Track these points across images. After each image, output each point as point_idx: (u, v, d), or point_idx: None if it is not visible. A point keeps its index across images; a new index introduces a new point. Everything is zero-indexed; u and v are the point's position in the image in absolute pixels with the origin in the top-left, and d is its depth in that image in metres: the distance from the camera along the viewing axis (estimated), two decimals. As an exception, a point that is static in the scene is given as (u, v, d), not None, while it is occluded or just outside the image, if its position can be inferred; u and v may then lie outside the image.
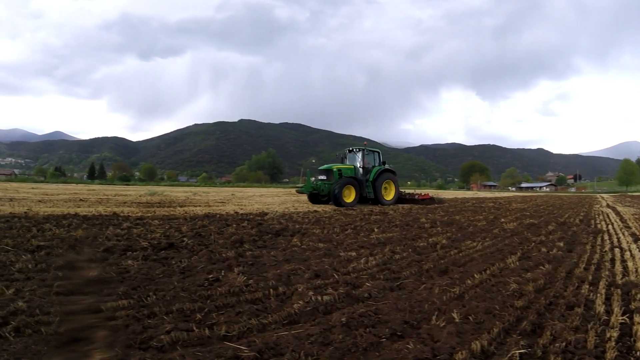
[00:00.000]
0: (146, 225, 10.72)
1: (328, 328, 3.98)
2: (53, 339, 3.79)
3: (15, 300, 4.65)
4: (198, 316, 4.30)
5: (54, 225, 10.29)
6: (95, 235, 8.91)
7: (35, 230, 9.37)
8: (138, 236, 8.93)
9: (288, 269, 6.22)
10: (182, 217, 13.19)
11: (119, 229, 9.93)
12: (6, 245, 7.73)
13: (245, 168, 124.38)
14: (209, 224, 11.27)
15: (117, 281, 5.56)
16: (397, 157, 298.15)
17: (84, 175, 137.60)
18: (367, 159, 24.16)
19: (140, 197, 24.91)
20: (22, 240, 8.20)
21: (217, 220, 12.28)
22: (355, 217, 14.21)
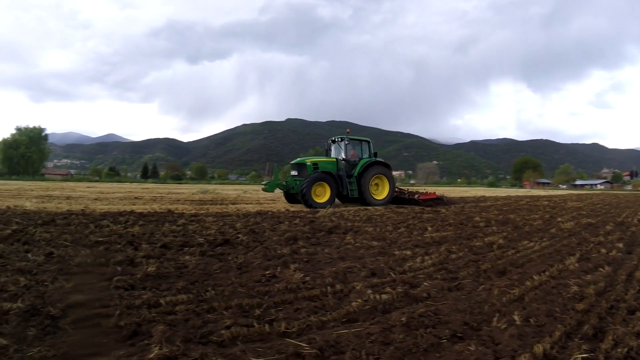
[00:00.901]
0: (201, 222, 10.88)
1: (388, 327, 3.93)
2: (113, 332, 3.84)
3: (75, 293, 4.77)
4: (257, 312, 4.30)
5: (111, 222, 10.56)
6: (152, 231, 9.09)
7: (93, 227, 9.62)
8: (194, 232, 9.10)
9: (344, 267, 6.16)
10: (235, 214, 13.31)
11: (175, 225, 10.11)
12: (65, 240, 7.97)
13: None
14: (261, 221, 11.36)
15: (175, 276, 5.64)
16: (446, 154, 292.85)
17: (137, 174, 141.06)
18: (352, 149, 20.32)
19: (192, 195, 25.28)
20: (80, 236, 8.43)
21: (269, 218, 12.37)
22: (407, 215, 14.02)
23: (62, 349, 3.54)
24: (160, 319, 4.07)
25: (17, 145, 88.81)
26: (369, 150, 20.63)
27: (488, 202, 23.79)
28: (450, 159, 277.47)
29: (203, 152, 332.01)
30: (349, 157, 19.90)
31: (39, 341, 3.73)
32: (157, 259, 6.60)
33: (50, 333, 3.89)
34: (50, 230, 9.09)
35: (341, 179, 19.05)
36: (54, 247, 7.47)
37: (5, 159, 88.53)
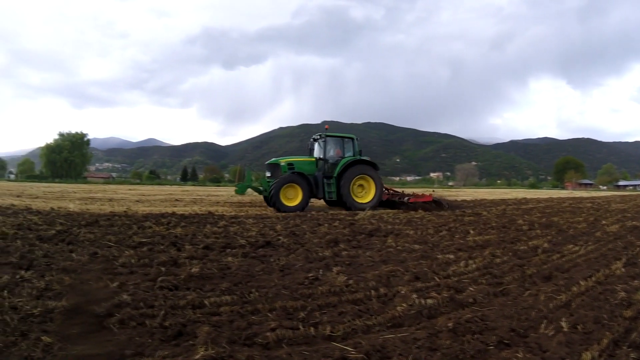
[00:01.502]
0: (241, 224, 10.97)
1: (434, 333, 3.86)
2: (158, 332, 3.85)
3: (120, 293, 4.81)
4: (301, 314, 4.28)
5: (153, 223, 10.72)
6: (194, 233, 9.19)
7: (136, 228, 9.80)
8: (235, 234, 9.16)
9: (387, 271, 6.08)
10: (275, 216, 13.37)
11: (216, 227, 10.20)
12: (109, 241, 8.11)
13: None
14: (301, 223, 11.38)
15: (218, 277, 5.66)
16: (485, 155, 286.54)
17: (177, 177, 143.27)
18: (331, 148, 18.67)
19: (231, 197, 25.51)
20: (123, 236, 8.57)
21: (309, 220, 12.38)
22: (448, 218, 13.77)
23: (107, 348, 3.57)
24: (205, 319, 4.08)
25: (60, 150, 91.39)
26: (353, 148, 18.73)
27: (530, 205, 23.25)
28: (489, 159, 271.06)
29: (241, 155, 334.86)
30: (330, 157, 18.33)
31: (83, 340, 3.77)
32: (200, 260, 6.67)
33: (94, 332, 3.93)
34: (94, 231, 9.27)
35: (316, 180, 17.48)
36: (97, 247, 7.61)
37: (49, 162, 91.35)
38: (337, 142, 18.84)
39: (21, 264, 6.46)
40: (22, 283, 5.43)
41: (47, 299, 4.74)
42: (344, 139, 18.94)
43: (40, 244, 7.96)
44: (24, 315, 4.26)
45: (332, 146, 18.71)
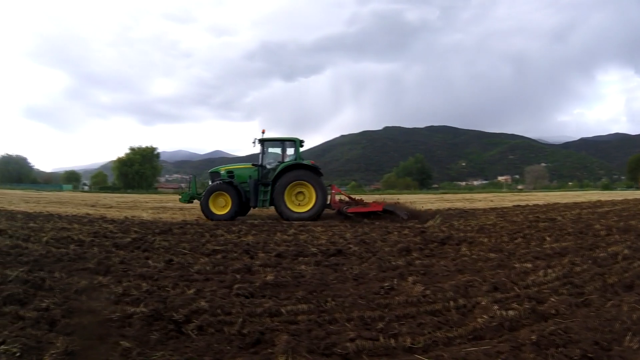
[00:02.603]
0: (310, 232, 11.00)
1: (517, 346, 3.66)
2: (236, 339, 3.83)
3: (197, 299, 4.86)
4: (379, 325, 4.17)
5: (224, 231, 10.91)
6: (265, 240, 9.26)
7: (208, 236, 10.00)
8: (305, 242, 9.16)
9: (464, 281, 5.86)
10: (343, 224, 13.30)
11: (286, 235, 10.31)
12: (183, 249, 8.28)
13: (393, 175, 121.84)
14: (370, 231, 11.25)
15: (293, 285, 5.64)
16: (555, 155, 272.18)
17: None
18: (270, 153, 17.54)
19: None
20: (197, 244, 8.75)
21: (377, 228, 12.20)
22: (522, 224, 13.24)
23: (186, 354, 3.59)
24: (283, 328, 4.05)
25: (131, 163, 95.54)
26: (296, 152, 17.27)
27: (605, 207, 22.05)
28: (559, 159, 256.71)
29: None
30: (268, 162, 17.15)
31: (162, 345, 3.81)
32: (274, 267, 6.70)
33: (173, 338, 3.97)
34: (167, 238, 9.52)
35: (241, 189, 16.34)
36: (172, 254, 7.78)
37: (121, 175, 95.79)
38: (275, 146, 17.66)
39: (98, 269, 6.69)
40: (99, 288, 5.61)
41: (125, 304, 4.84)
42: (285, 143, 17.58)
43: (116, 251, 8.25)
44: (103, 320, 4.37)
45: (271, 151, 17.61)
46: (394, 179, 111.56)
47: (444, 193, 64.06)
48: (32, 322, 4.35)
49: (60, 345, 3.66)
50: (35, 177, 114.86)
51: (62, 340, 3.75)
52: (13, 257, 7.58)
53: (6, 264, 7.01)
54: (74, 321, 4.35)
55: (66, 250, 8.24)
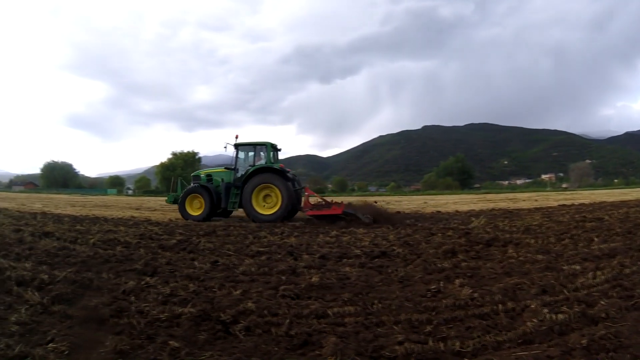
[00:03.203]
0: (352, 234, 10.92)
1: (567, 351, 3.57)
2: (283, 341, 3.83)
3: (244, 300, 4.90)
4: (427, 328, 4.12)
5: (267, 233, 11.02)
6: (308, 242, 9.29)
7: (252, 238, 10.09)
8: (348, 244, 9.13)
9: (512, 283, 5.73)
10: (385, 226, 13.11)
11: (328, 237, 10.27)
12: (228, 250, 8.36)
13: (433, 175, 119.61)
14: (413, 233, 11.07)
15: (338, 287, 5.63)
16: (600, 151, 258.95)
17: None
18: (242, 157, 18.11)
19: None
20: (241, 246, 8.86)
21: (420, 230, 11.99)
22: (569, 224, 12.88)
23: (234, 355, 3.62)
24: (330, 330, 4.03)
25: (173, 168, 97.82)
26: (267, 155, 17.67)
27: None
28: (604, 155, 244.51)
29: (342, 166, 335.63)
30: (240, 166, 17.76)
31: (210, 345, 3.84)
32: (318, 269, 6.71)
33: (221, 338, 4.01)
34: (212, 240, 9.65)
35: (215, 191, 17.15)
36: (218, 255, 7.89)
37: (164, 179, 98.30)
38: (248, 150, 18.17)
39: (145, 270, 6.82)
40: (147, 289, 5.72)
41: (172, 305, 4.90)
42: (256, 147, 18.05)
43: (162, 253, 8.40)
44: (151, 320, 4.45)
45: (244, 155, 18.16)
46: (435, 180, 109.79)
47: (486, 193, 62.75)
48: (81, 320, 4.48)
49: (110, 344, 3.75)
50: (80, 182, 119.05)
51: (112, 339, 3.82)
52: (61, 258, 7.81)
53: (54, 265, 7.25)
54: (122, 321, 4.42)
55: (113, 252, 8.42)
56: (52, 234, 11.13)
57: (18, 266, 7.03)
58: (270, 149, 17.70)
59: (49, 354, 3.62)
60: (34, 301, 5.14)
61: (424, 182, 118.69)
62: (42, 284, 5.88)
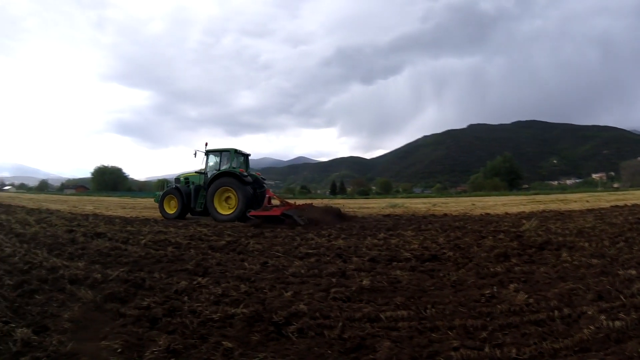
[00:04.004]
0: (400, 236, 10.74)
1: (624, 359, 3.47)
2: (337, 344, 3.81)
3: (295, 302, 4.91)
4: (483, 334, 4.02)
5: (315, 235, 11.06)
6: (356, 245, 9.20)
7: (300, 239, 10.13)
8: (396, 247, 8.99)
9: (567, 289, 5.54)
10: (434, 228, 12.85)
11: (376, 239, 10.14)
12: (277, 252, 8.39)
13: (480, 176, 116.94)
14: (462, 236, 10.82)
15: (389, 291, 5.58)
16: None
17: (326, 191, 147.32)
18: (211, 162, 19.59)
19: (382, 209, 25.38)
20: (289, 247, 8.91)
21: (470, 232, 11.72)
22: (623, 227, 12.41)
23: (288, 357, 3.64)
24: (384, 334, 3.99)
25: None
26: (230, 161, 19.20)
27: None
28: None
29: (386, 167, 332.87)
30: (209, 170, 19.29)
31: (263, 347, 3.86)
32: (368, 272, 6.65)
33: (273, 339, 4.03)
34: (260, 241, 9.74)
35: (188, 193, 19.09)
36: (267, 257, 7.96)
37: None
38: (216, 156, 19.67)
39: (197, 271, 6.93)
40: (199, 289, 5.80)
41: (225, 305, 4.95)
42: (222, 153, 19.60)
43: (212, 253, 8.52)
44: (204, 320, 4.50)
45: (212, 160, 19.64)
46: (482, 180, 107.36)
47: (536, 194, 61.17)
48: (133, 319, 4.57)
49: (163, 343, 3.79)
50: (130, 185, 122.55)
51: (165, 339, 3.87)
52: (113, 258, 8.03)
53: (107, 265, 7.45)
54: (175, 320, 4.48)
55: (164, 252, 8.60)
56: (104, 234, 11.46)
57: (71, 265, 7.27)
58: (234, 154, 19.34)
59: (101, 352, 3.70)
60: (87, 299, 5.28)
61: (470, 183, 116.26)
62: (95, 283, 6.06)
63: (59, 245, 9.48)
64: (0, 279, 6.27)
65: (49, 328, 4.33)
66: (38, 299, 5.35)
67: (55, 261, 7.61)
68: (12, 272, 6.82)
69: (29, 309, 4.95)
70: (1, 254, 8.28)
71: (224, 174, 18.19)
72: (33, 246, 9.49)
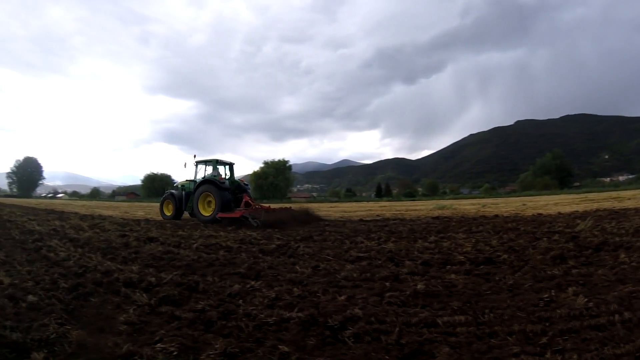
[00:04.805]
0: (452, 239, 10.54)
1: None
2: (394, 349, 3.77)
3: (349, 306, 4.88)
4: (543, 340, 3.92)
5: (364, 238, 10.98)
6: (407, 248, 9.08)
7: (349, 243, 10.08)
8: (449, 250, 8.84)
9: (626, 291, 5.35)
10: (485, 230, 12.55)
11: (426, 242, 9.98)
12: (327, 255, 8.37)
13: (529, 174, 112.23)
14: (516, 238, 10.50)
15: (445, 295, 5.48)
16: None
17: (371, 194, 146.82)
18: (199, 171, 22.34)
19: (430, 211, 25.03)
20: (340, 251, 8.89)
21: (524, 234, 11.37)
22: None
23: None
24: (442, 339, 3.92)
25: (266, 176, 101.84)
26: (214, 170, 21.73)
27: None
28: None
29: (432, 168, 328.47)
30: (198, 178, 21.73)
31: (319, 351, 3.85)
32: (422, 276, 6.55)
33: (329, 344, 4.01)
34: (310, 245, 9.75)
35: (180, 198, 21.96)
36: (318, 260, 7.94)
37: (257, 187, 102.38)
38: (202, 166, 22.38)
39: (249, 274, 7.01)
40: (252, 292, 5.85)
41: (279, 309, 4.97)
42: (206, 163, 22.30)
43: (263, 257, 8.57)
44: (259, 323, 4.52)
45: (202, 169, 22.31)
46: (531, 179, 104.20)
47: (588, 192, 58.96)
48: (188, 322, 4.65)
49: (219, 346, 3.84)
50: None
51: (221, 342, 3.91)
52: (166, 261, 8.20)
53: (160, 268, 7.62)
54: (230, 323, 4.53)
55: (216, 256, 8.73)
56: (156, 239, 11.71)
57: (125, 268, 7.48)
58: (216, 164, 21.92)
59: (157, 354, 3.77)
60: (141, 302, 5.42)
61: (520, 182, 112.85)
62: (150, 286, 6.21)
63: (113, 250, 9.76)
64: (56, 281, 6.51)
65: (104, 330, 4.47)
66: (93, 302, 5.55)
67: (110, 265, 7.84)
68: (67, 275, 7.09)
69: (84, 311, 5.13)
70: (56, 258, 8.60)
71: (205, 182, 20.62)
72: (87, 250, 9.82)
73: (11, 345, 4.02)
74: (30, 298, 5.52)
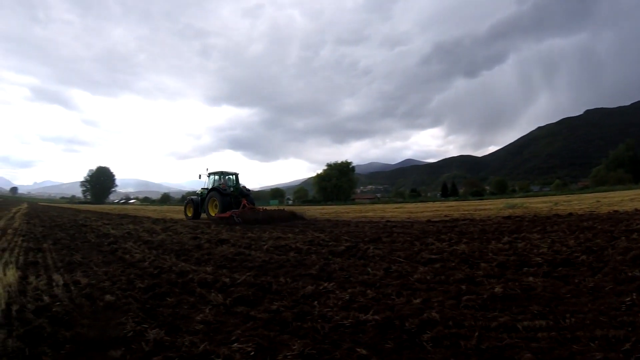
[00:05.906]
0: (526, 239, 10.18)
1: None
2: (474, 355, 3.70)
3: (426, 310, 4.81)
4: (626, 346, 3.74)
5: (434, 239, 10.82)
6: (480, 249, 8.84)
7: (419, 244, 9.93)
8: (524, 251, 8.52)
9: None
10: (561, 229, 12.05)
11: (500, 243, 9.69)
12: (398, 257, 8.30)
13: (602, 168, 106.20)
14: (593, 237, 10.00)
15: (523, 299, 5.33)
16: None
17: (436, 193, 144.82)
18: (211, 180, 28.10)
19: (500, 210, 24.35)
20: (410, 252, 8.77)
21: (601, 233, 10.82)
22: None
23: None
24: (523, 345, 3.80)
25: (329, 178, 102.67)
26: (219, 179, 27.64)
27: None
28: None
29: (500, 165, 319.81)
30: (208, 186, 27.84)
31: (397, 355, 3.83)
32: (498, 278, 6.38)
33: (407, 348, 3.97)
34: (379, 247, 9.68)
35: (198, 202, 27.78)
36: (389, 262, 7.88)
37: (320, 189, 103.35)
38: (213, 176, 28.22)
39: (321, 275, 7.07)
40: (325, 294, 5.89)
41: (354, 311, 4.96)
42: (215, 174, 28.11)
43: (334, 259, 8.60)
44: (334, 325, 4.54)
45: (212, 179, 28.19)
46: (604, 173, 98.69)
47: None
48: (264, 322, 4.74)
49: (297, 347, 3.87)
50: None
51: (298, 343, 3.95)
52: (238, 263, 8.40)
53: (233, 269, 7.82)
54: (306, 325, 4.57)
55: (286, 257, 8.87)
56: (227, 240, 12.02)
57: (199, 269, 7.73)
58: (221, 175, 27.80)
59: (234, 354, 3.84)
60: (217, 302, 5.58)
61: (592, 177, 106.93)
62: (224, 287, 6.39)
63: (186, 251, 10.08)
64: (132, 282, 6.80)
65: (180, 329, 4.64)
66: (169, 301, 5.76)
67: (184, 266, 8.11)
68: (143, 276, 7.40)
69: (161, 311, 5.33)
70: (132, 260, 8.98)
71: (212, 189, 26.38)
72: (161, 252, 10.22)
73: (89, 342, 4.22)
74: (108, 297, 5.82)
